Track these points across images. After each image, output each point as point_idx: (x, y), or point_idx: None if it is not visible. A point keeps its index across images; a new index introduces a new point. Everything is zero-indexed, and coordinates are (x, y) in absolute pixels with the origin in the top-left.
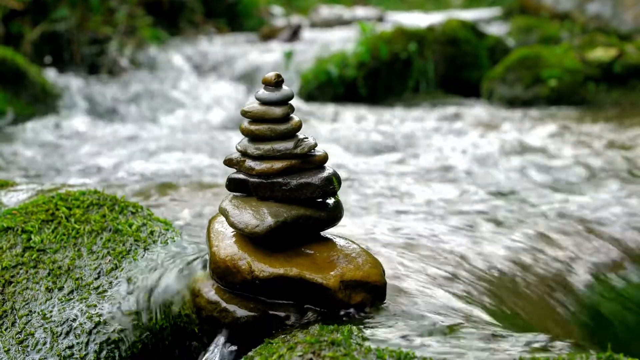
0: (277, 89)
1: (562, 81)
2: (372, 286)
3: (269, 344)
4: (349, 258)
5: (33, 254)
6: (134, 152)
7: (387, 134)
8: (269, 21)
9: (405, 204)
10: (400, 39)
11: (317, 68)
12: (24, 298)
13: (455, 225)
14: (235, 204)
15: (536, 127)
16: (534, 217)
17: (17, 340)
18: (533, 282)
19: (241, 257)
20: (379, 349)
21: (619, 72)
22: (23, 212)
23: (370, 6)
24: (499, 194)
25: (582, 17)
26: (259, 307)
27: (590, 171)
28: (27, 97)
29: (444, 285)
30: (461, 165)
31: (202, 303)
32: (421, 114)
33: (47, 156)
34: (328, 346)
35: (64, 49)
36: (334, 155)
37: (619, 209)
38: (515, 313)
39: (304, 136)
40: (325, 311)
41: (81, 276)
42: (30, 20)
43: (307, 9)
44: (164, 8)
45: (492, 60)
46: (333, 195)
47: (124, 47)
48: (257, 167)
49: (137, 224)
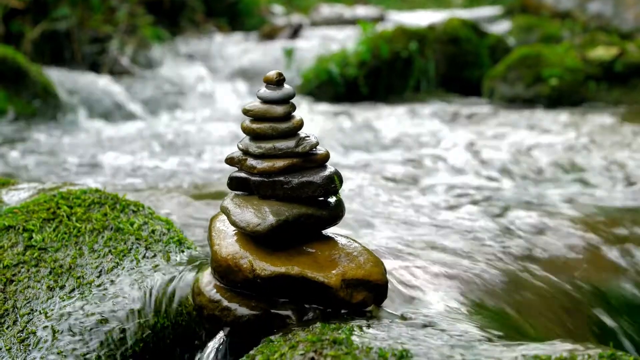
0: (278, 87)
1: (563, 80)
2: (374, 285)
3: (270, 342)
4: (350, 257)
5: (34, 252)
6: (136, 151)
7: (386, 132)
8: (269, 20)
9: (406, 204)
10: (401, 38)
11: (318, 67)
12: (26, 296)
13: (457, 224)
14: (236, 202)
15: (537, 126)
16: (534, 219)
17: (19, 338)
18: (536, 284)
19: (243, 255)
20: (381, 347)
21: (620, 71)
22: (24, 211)
23: (371, 5)
24: (501, 193)
25: (583, 16)
26: (261, 305)
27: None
28: (28, 96)
29: (445, 285)
30: (461, 164)
31: (203, 302)
32: (421, 112)
33: (48, 155)
34: (330, 345)
35: (64, 47)
36: (334, 154)
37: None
38: (518, 313)
39: (305, 134)
40: (327, 310)
41: (82, 275)
42: (31, 19)
43: (308, 8)
44: (165, 7)
45: (493, 59)
46: (335, 193)
47: (125, 46)
48: (258, 166)
49: (138, 223)
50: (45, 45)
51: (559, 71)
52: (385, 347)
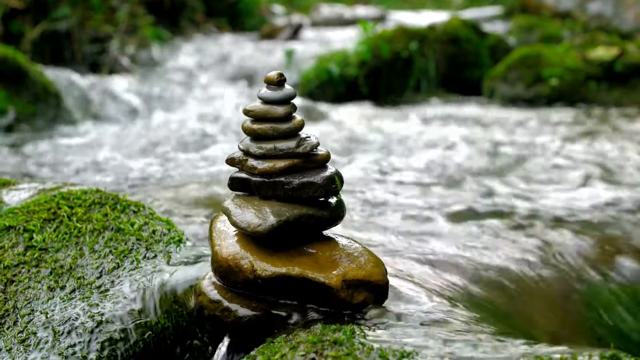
0: (279, 88)
1: (563, 80)
2: (375, 285)
3: (271, 343)
4: (351, 257)
5: (35, 253)
6: (136, 151)
7: (386, 132)
8: (269, 20)
9: (406, 204)
10: (401, 38)
11: (318, 67)
12: (26, 297)
13: (457, 226)
14: (237, 203)
15: (536, 127)
16: (533, 219)
17: (19, 339)
18: (538, 284)
19: (243, 256)
20: (382, 348)
21: (620, 71)
22: (25, 211)
23: (371, 5)
24: (498, 194)
25: (584, 16)
26: (261, 306)
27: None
28: (28, 96)
29: (446, 286)
30: (461, 165)
31: (204, 302)
32: (421, 112)
33: (48, 155)
34: (330, 345)
35: (64, 47)
36: (334, 154)
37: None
38: (519, 313)
39: (306, 135)
40: (328, 310)
41: (83, 275)
42: (31, 19)
43: (308, 8)
44: (165, 7)
45: (493, 59)
46: (335, 194)
47: (125, 46)
48: (259, 166)
49: (139, 223)
50: (46, 45)
51: (559, 71)
52: (386, 348)
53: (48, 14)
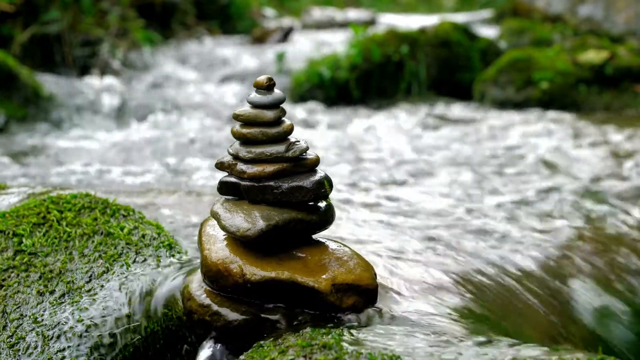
0: (268, 92)
1: (553, 83)
2: (364, 289)
3: (260, 347)
4: (340, 261)
5: (24, 257)
6: (126, 154)
7: (376, 136)
8: (261, 23)
9: (395, 208)
10: (392, 41)
11: (309, 70)
12: (15, 302)
13: (447, 229)
14: (226, 207)
15: (524, 129)
16: (525, 220)
17: (9, 344)
18: (526, 288)
19: (233, 260)
20: (370, 352)
21: (611, 74)
22: (14, 215)
23: (362, 8)
24: (484, 193)
25: (574, 19)
26: (251, 310)
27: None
28: (18, 99)
29: (435, 289)
30: (450, 168)
31: (193, 306)
32: (411, 115)
33: (38, 159)
34: (319, 349)
35: (55, 51)
36: (324, 158)
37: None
38: (508, 317)
39: (295, 139)
40: (317, 314)
41: (72, 280)
42: (22, 22)
43: (299, 10)
44: (156, 10)
45: (484, 63)
46: (325, 198)
47: (116, 49)
48: (248, 171)
49: (128, 227)
50: (36, 48)
51: (550, 74)
52: (374, 352)
53: (38, 17)
